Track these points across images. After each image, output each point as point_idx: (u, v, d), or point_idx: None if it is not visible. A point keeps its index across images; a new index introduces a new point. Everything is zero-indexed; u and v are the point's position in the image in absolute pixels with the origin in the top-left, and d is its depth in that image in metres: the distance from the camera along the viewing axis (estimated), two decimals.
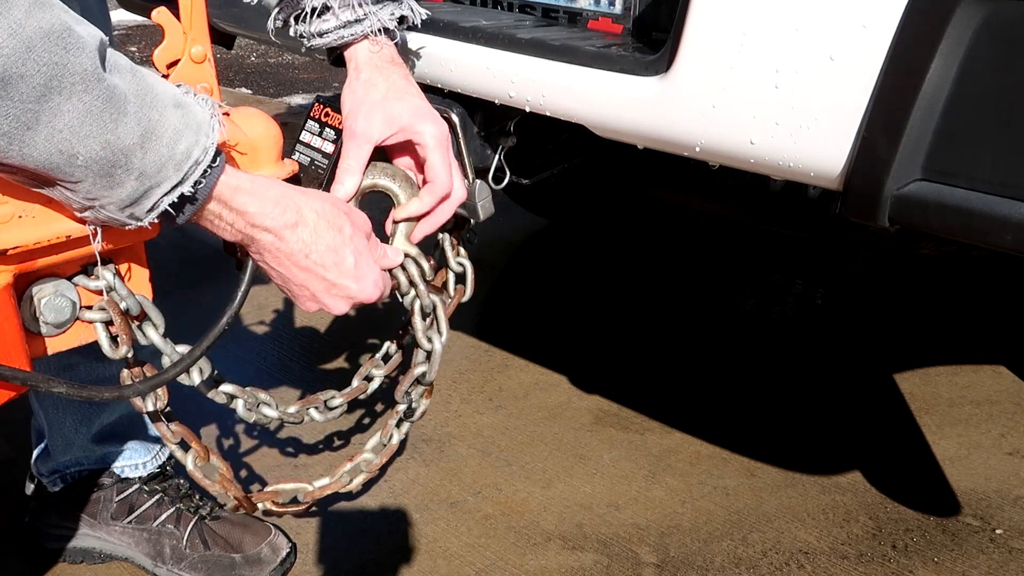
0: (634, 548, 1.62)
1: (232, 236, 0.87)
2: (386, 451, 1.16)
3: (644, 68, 1.07)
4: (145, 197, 0.76)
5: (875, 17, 0.87)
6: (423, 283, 1.03)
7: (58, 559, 1.57)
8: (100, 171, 0.73)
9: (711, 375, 2.17)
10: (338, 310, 0.94)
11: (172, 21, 0.90)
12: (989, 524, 1.67)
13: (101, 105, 0.71)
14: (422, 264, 1.02)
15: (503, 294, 2.60)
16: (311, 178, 1.08)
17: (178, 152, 0.76)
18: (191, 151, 0.77)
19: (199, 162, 0.78)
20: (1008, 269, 2.50)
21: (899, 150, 0.88)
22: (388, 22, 1.03)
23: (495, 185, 1.35)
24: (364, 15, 1.00)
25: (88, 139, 0.71)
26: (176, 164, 0.77)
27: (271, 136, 1.00)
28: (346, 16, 1.00)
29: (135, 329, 0.92)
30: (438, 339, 1.08)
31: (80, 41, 0.69)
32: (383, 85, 1.03)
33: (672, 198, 2.10)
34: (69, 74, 0.68)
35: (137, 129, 0.73)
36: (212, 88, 0.93)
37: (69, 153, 0.70)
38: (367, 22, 1.01)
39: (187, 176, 0.77)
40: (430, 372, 1.09)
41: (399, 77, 1.04)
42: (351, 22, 1.01)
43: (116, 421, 1.53)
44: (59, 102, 0.68)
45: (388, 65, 1.04)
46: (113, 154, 0.72)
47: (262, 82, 5.18)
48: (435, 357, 1.08)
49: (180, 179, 0.77)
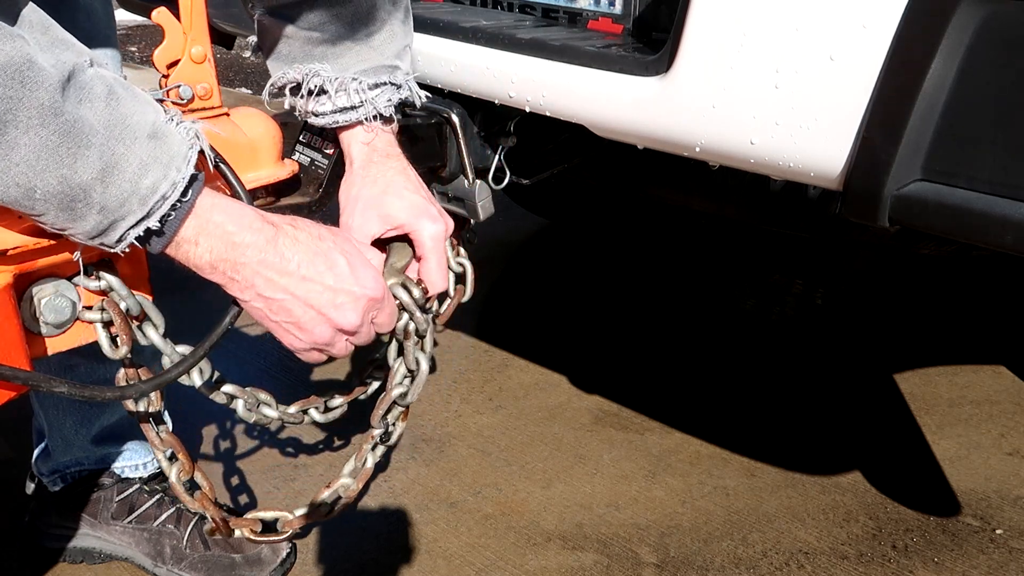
0: (634, 548, 1.62)
1: (213, 271, 0.82)
2: (362, 475, 1.13)
3: (644, 68, 1.07)
4: (111, 229, 0.75)
5: (875, 17, 0.87)
6: (418, 309, 1.01)
7: (58, 559, 1.57)
8: (60, 204, 0.71)
9: (711, 375, 2.17)
10: (351, 321, 0.87)
11: (172, 21, 0.89)
12: (989, 524, 1.67)
13: (57, 140, 0.69)
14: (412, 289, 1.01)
15: (503, 294, 2.60)
16: (311, 178, 1.08)
17: (143, 187, 0.74)
18: (157, 185, 0.75)
19: (166, 197, 0.75)
20: (1008, 269, 2.50)
21: (899, 150, 0.88)
22: (384, 109, 1.00)
23: (495, 185, 1.35)
24: (360, 102, 0.98)
25: (44, 173, 0.69)
26: (140, 198, 0.74)
27: (271, 136, 1.00)
28: (342, 102, 0.98)
29: (135, 329, 0.92)
30: (425, 360, 1.04)
31: (40, 75, 0.67)
32: (381, 181, 1.00)
33: (672, 198, 2.10)
34: (24, 108, 0.67)
35: (98, 164, 0.71)
36: (212, 88, 0.93)
37: (26, 187, 0.69)
38: (363, 109, 0.98)
39: (153, 210, 0.75)
40: (412, 393, 1.05)
41: (396, 172, 1.01)
42: (346, 108, 0.98)
43: (116, 422, 1.53)
44: (15, 135, 0.67)
45: (384, 159, 1.01)
46: (71, 188, 0.71)
47: (262, 82, 5.15)
48: (420, 379, 1.04)
49: (145, 213, 0.75)
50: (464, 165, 1.22)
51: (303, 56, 1.00)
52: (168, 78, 0.91)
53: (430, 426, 1.97)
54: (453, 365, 2.21)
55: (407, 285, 0.99)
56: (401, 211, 0.99)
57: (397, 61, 1.02)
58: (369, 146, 1.02)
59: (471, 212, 1.28)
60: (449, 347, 2.29)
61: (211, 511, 1.06)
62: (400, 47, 1.02)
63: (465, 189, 1.29)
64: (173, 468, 1.04)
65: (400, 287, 0.98)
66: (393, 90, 1.00)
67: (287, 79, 1.01)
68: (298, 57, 1.00)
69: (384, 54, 1.00)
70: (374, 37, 0.99)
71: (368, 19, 0.98)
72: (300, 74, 0.99)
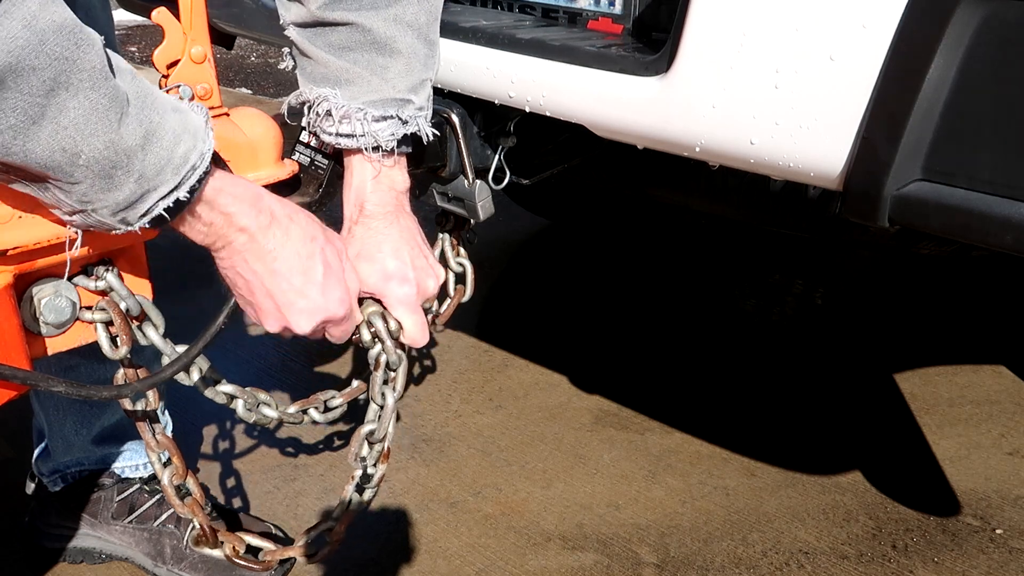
0: (634, 548, 1.62)
1: (204, 238, 0.84)
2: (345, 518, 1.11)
3: (644, 68, 1.07)
4: (141, 201, 0.75)
5: (875, 17, 0.87)
6: (389, 338, 1.01)
7: (58, 559, 1.57)
8: (101, 172, 0.72)
9: (711, 375, 2.17)
10: (302, 328, 0.91)
11: (172, 21, 0.89)
12: (989, 524, 1.67)
13: (107, 103, 0.70)
14: (389, 320, 1.01)
15: (503, 294, 2.60)
16: (311, 178, 1.08)
17: (177, 155, 0.76)
18: (188, 155, 0.76)
19: (195, 167, 0.77)
20: (1008, 269, 2.50)
21: (899, 150, 0.88)
22: (385, 142, 0.99)
23: (495, 185, 1.35)
24: (363, 132, 0.98)
25: (92, 137, 0.70)
26: (175, 168, 0.76)
27: (271, 136, 1.00)
28: (344, 128, 0.98)
29: (135, 329, 0.92)
30: (391, 395, 1.03)
31: (90, 37, 0.69)
32: (358, 243, 1.02)
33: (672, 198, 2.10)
34: (78, 70, 0.67)
35: (139, 130, 0.72)
36: (212, 88, 0.93)
37: (72, 151, 0.69)
38: (363, 139, 0.98)
39: (184, 180, 0.76)
40: (379, 429, 1.04)
41: (376, 232, 1.02)
42: (346, 135, 0.99)
43: (117, 422, 1.53)
44: (66, 98, 0.67)
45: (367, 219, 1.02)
46: (116, 154, 0.71)
47: (262, 82, 5.18)
48: (386, 414, 1.04)
49: (177, 183, 0.76)
50: (464, 165, 1.22)
51: (320, 77, 1.00)
52: (168, 78, 0.91)
53: (430, 426, 1.97)
54: (453, 365, 2.21)
55: (385, 315, 0.99)
56: (370, 275, 1.01)
57: (410, 95, 1.00)
58: (357, 205, 1.02)
59: (471, 212, 1.28)
60: (449, 347, 2.29)
61: (199, 518, 1.05)
62: (416, 81, 1.00)
63: (465, 189, 1.29)
64: (166, 471, 1.03)
65: (379, 316, 0.99)
66: (399, 124, 0.99)
67: (303, 97, 1.02)
68: (316, 77, 1.00)
69: (397, 87, 0.98)
70: (389, 69, 0.98)
71: (386, 50, 0.97)
72: (312, 95, 1.00)
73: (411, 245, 1.04)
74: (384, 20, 0.96)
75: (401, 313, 1.02)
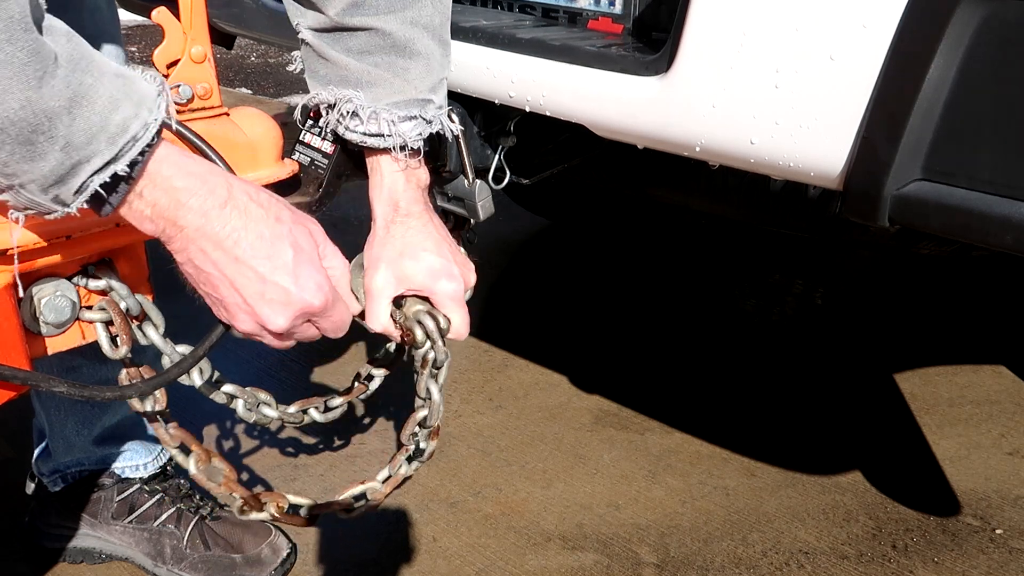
0: (634, 548, 1.62)
1: (152, 226, 0.76)
2: (391, 482, 1.12)
3: (644, 68, 1.07)
4: (72, 174, 0.68)
5: (875, 17, 0.87)
6: (440, 339, 1.02)
7: (58, 559, 1.57)
8: (19, 136, 0.64)
9: (711, 375, 2.17)
10: (278, 324, 0.82)
11: (172, 21, 0.89)
12: (989, 524, 1.67)
13: (25, 58, 0.63)
14: (439, 318, 1.01)
15: (503, 294, 2.60)
16: (311, 178, 1.08)
17: (112, 123, 0.68)
18: (128, 124, 0.69)
19: (137, 138, 0.69)
20: (1008, 269, 2.50)
21: (899, 150, 0.88)
22: (412, 142, 0.99)
23: (495, 185, 1.35)
24: (390, 133, 0.97)
25: (6, 94, 0.63)
26: (110, 136, 0.68)
27: (271, 136, 1.00)
28: (372, 128, 0.98)
29: (135, 329, 0.92)
30: (436, 390, 1.05)
31: None
32: (399, 242, 1.00)
33: (672, 198, 2.10)
34: None
35: (66, 92, 0.65)
36: (212, 88, 0.93)
37: None
38: (391, 139, 0.98)
39: (122, 152, 0.69)
40: (432, 416, 1.06)
41: (415, 231, 1.00)
42: (374, 134, 0.98)
43: (118, 423, 1.53)
44: None
45: (404, 219, 1.01)
46: (35, 115, 0.64)
47: (262, 82, 5.18)
48: (435, 405, 1.06)
49: (114, 155, 0.68)
50: (464, 165, 1.22)
51: (339, 80, 0.99)
52: (168, 78, 0.91)
53: None
54: (453, 365, 2.19)
55: (433, 313, 0.99)
56: (417, 274, 0.99)
57: (431, 95, 1.01)
58: (392, 205, 1.02)
59: (471, 212, 1.28)
60: (449, 347, 2.28)
61: (238, 491, 1.05)
62: (435, 81, 1.01)
63: (465, 189, 1.29)
64: (191, 459, 1.03)
65: (428, 315, 0.99)
66: (424, 125, 1.00)
67: (320, 99, 1.01)
68: (334, 80, 1.00)
69: (418, 88, 0.99)
70: (410, 71, 0.98)
71: (406, 52, 0.97)
72: (334, 96, 0.99)
73: (449, 241, 1.03)
74: (402, 23, 0.96)
75: (451, 309, 1.01)
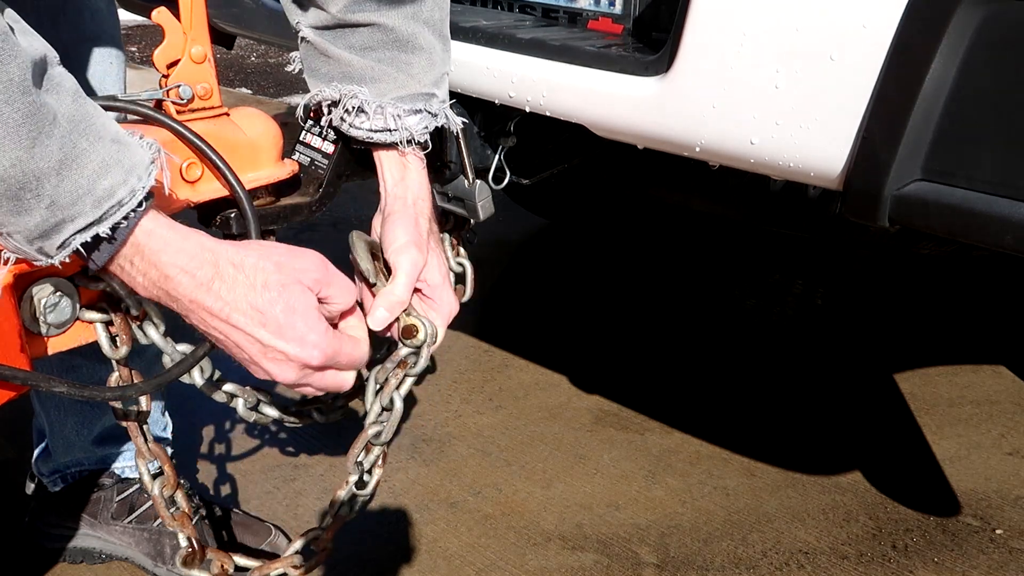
0: (634, 548, 1.62)
1: (147, 293, 0.79)
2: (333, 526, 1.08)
3: (644, 68, 1.07)
4: (55, 231, 0.70)
5: (875, 17, 0.87)
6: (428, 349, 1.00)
7: (58, 559, 1.57)
8: (7, 191, 0.67)
9: (711, 375, 2.17)
10: (285, 378, 0.85)
11: (172, 21, 0.89)
12: (989, 524, 1.67)
13: (20, 119, 0.65)
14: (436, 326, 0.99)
15: (503, 294, 2.60)
16: (311, 178, 1.08)
17: (100, 188, 0.70)
18: (115, 190, 0.71)
19: (122, 203, 0.71)
20: (1008, 269, 2.50)
21: (899, 150, 0.88)
22: (419, 136, 1.00)
23: (495, 185, 1.35)
24: (396, 127, 0.99)
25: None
26: (95, 200, 0.70)
27: (271, 136, 1.00)
28: (378, 123, 0.99)
29: (136, 329, 0.92)
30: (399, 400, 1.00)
31: (13, 49, 0.65)
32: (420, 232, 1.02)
33: (672, 198, 2.10)
34: None
35: (57, 154, 0.68)
36: (212, 88, 0.93)
37: None
38: (397, 134, 0.99)
39: (106, 215, 0.71)
40: (386, 432, 1.01)
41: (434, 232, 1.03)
42: (380, 130, 0.99)
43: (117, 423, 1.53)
44: None
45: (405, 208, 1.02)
46: (23, 175, 0.66)
47: (262, 82, 5.18)
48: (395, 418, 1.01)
49: (97, 217, 0.71)
50: (464, 165, 1.22)
51: (342, 76, 1.00)
52: (168, 78, 0.91)
53: (430, 426, 1.97)
54: (453, 365, 2.21)
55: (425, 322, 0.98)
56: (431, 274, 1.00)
57: (434, 89, 1.02)
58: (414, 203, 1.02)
59: (471, 212, 1.28)
60: (449, 347, 2.29)
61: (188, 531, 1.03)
62: (438, 75, 1.02)
63: (465, 189, 1.29)
64: (156, 482, 1.02)
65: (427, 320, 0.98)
66: (430, 118, 1.01)
67: (323, 96, 1.01)
68: (337, 77, 1.00)
69: (422, 82, 1.00)
70: (413, 65, 0.99)
71: (408, 47, 0.99)
72: (338, 93, 0.99)
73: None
74: (404, 18, 0.97)
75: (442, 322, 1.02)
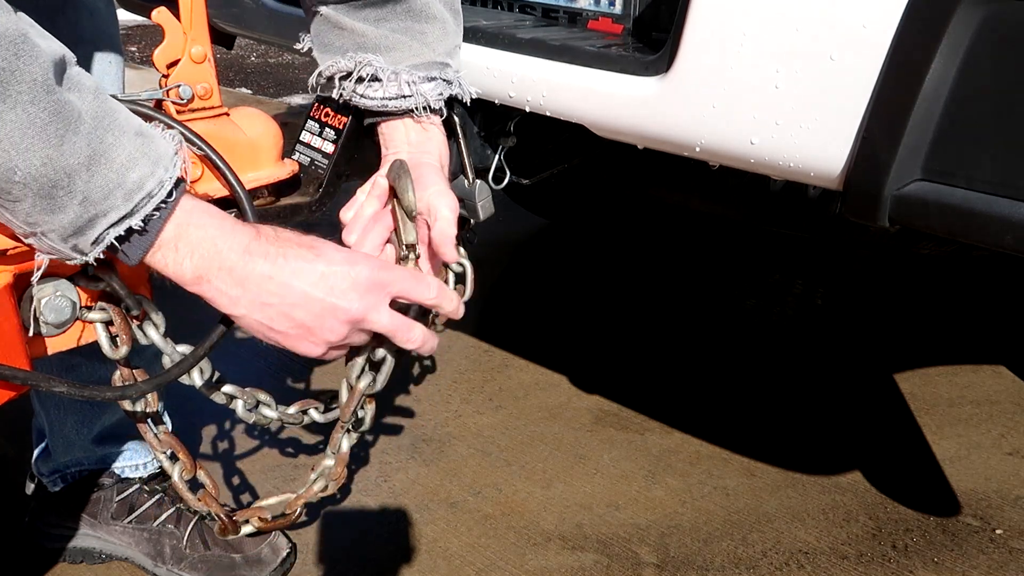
0: (634, 548, 1.62)
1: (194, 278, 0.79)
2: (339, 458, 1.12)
3: (644, 68, 1.07)
4: (89, 226, 0.72)
5: (875, 17, 0.87)
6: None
7: (58, 559, 1.57)
8: (40, 190, 0.68)
9: (711, 375, 2.17)
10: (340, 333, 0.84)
11: (172, 21, 0.90)
12: (989, 524, 1.67)
13: (47, 118, 0.67)
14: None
15: (503, 294, 2.60)
16: (311, 178, 1.08)
17: (129, 180, 0.72)
18: (144, 181, 0.73)
19: (152, 195, 0.73)
20: (1008, 269, 2.50)
21: (899, 150, 0.88)
22: (434, 102, 1.01)
23: (495, 185, 1.35)
24: (411, 93, 1.00)
25: (28, 152, 0.67)
26: (126, 193, 0.72)
27: (271, 136, 1.00)
28: (393, 91, 0.99)
29: (135, 329, 0.92)
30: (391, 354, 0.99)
31: (35, 51, 0.66)
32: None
33: (672, 198, 2.10)
34: (16, 81, 0.65)
35: (86, 150, 0.69)
36: (212, 88, 0.93)
37: (7, 166, 0.66)
38: (412, 99, 1.00)
39: (137, 208, 0.73)
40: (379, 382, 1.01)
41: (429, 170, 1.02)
42: (395, 96, 1.00)
43: (117, 422, 1.53)
44: (2, 110, 0.65)
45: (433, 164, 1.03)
46: (55, 172, 0.68)
47: (262, 82, 5.18)
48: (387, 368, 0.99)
49: (129, 210, 0.72)
50: (464, 165, 1.22)
51: (356, 47, 1.01)
52: (168, 78, 0.91)
53: (430, 426, 1.97)
54: (453, 365, 2.21)
55: None
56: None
57: (448, 59, 1.03)
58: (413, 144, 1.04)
59: (471, 212, 1.28)
60: (449, 347, 2.29)
61: (215, 509, 1.06)
62: (452, 45, 1.04)
63: (465, 189, 1.29)
64: (175, 467, 1.04)
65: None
66: (445, 86, 1.03)
67: (337, 68, 1.02)
68: (351, 47, 1.01)
69: (436, 51, 1.02)
70: (427, 34, 1.01)
71: (422, 16, 1.00)
72: (352, 62, 1.00)
73: None
74: None
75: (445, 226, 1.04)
